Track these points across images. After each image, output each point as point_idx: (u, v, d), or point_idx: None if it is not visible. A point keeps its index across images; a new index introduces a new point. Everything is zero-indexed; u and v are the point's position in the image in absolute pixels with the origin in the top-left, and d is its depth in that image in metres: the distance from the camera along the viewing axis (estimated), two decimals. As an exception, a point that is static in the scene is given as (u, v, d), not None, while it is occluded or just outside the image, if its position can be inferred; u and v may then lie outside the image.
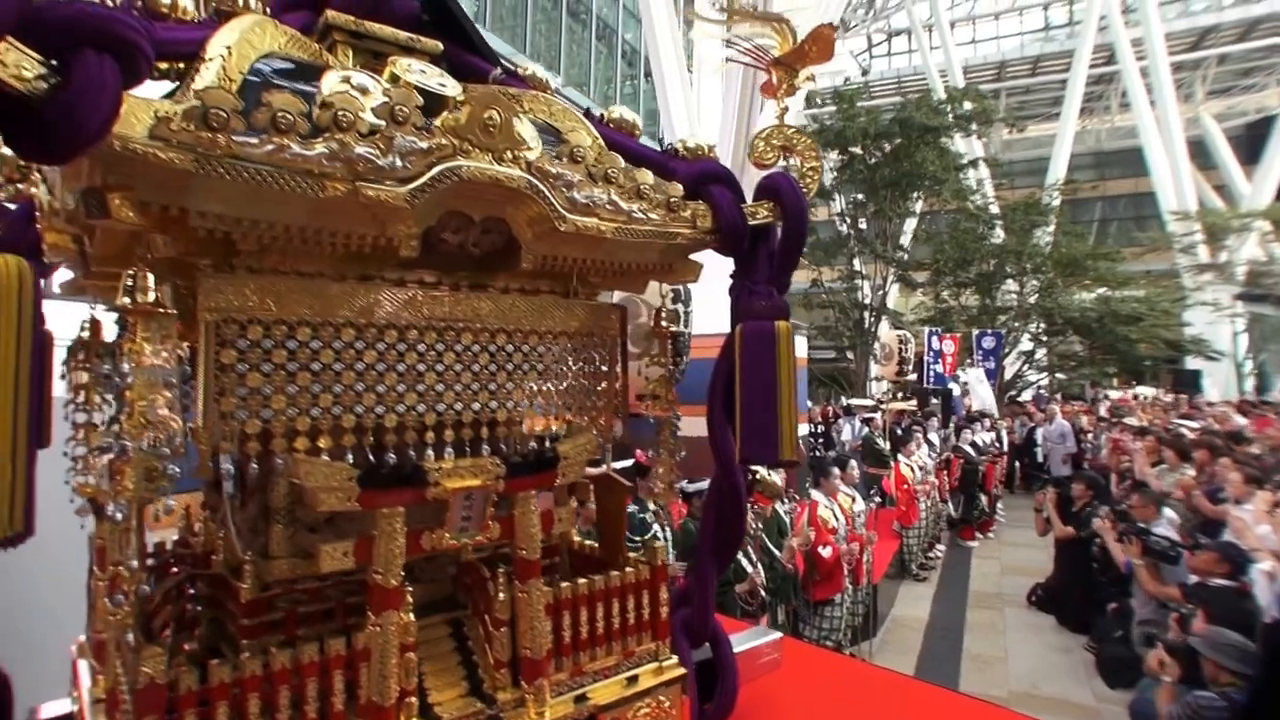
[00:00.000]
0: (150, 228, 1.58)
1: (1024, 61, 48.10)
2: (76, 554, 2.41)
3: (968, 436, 15.92)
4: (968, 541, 14.48)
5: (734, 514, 2.70)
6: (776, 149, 2.52)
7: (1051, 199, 29.08)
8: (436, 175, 1.77)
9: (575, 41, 28.11)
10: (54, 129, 1.28)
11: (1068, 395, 28.68)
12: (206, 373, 1.72)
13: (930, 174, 23.50)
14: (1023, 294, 27.12)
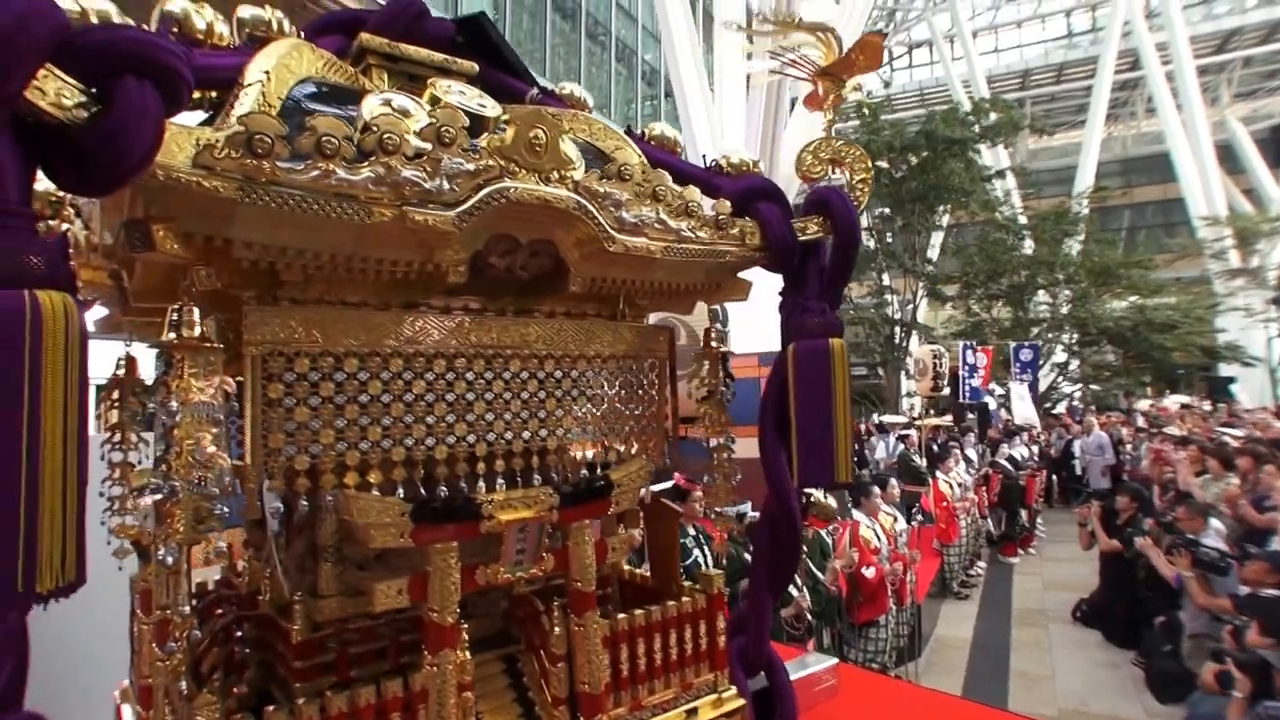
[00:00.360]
0: (193, 260, 1.53)
1: (1048, 69, 47.82)
2: (114, 595, 2.36)
3: (1005, 451, 15.68)
4: (1009, 558, 14.20)
5: (789, 539, 2.61)
6: (825, 162, 2.44)
7: (1081, 207, 28.77)
8: (484, 197, 1.72)
9: (595, 64, 28.22)
10: (96, 159, 1.24)
11: (1102, 406, 28.27)
12: (253, 408, 1.67)
13: (958, 186, 23.31)
14: (1055, 304, 26.81)
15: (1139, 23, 38.97)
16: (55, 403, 1.14)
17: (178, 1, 1.78)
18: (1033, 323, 26.84)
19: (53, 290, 1.15)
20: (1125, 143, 46.61)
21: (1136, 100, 45.90)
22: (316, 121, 1.53)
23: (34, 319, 1.11)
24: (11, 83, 1.08)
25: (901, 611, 8.01)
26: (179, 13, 1.76)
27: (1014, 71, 48.60)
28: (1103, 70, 40.17)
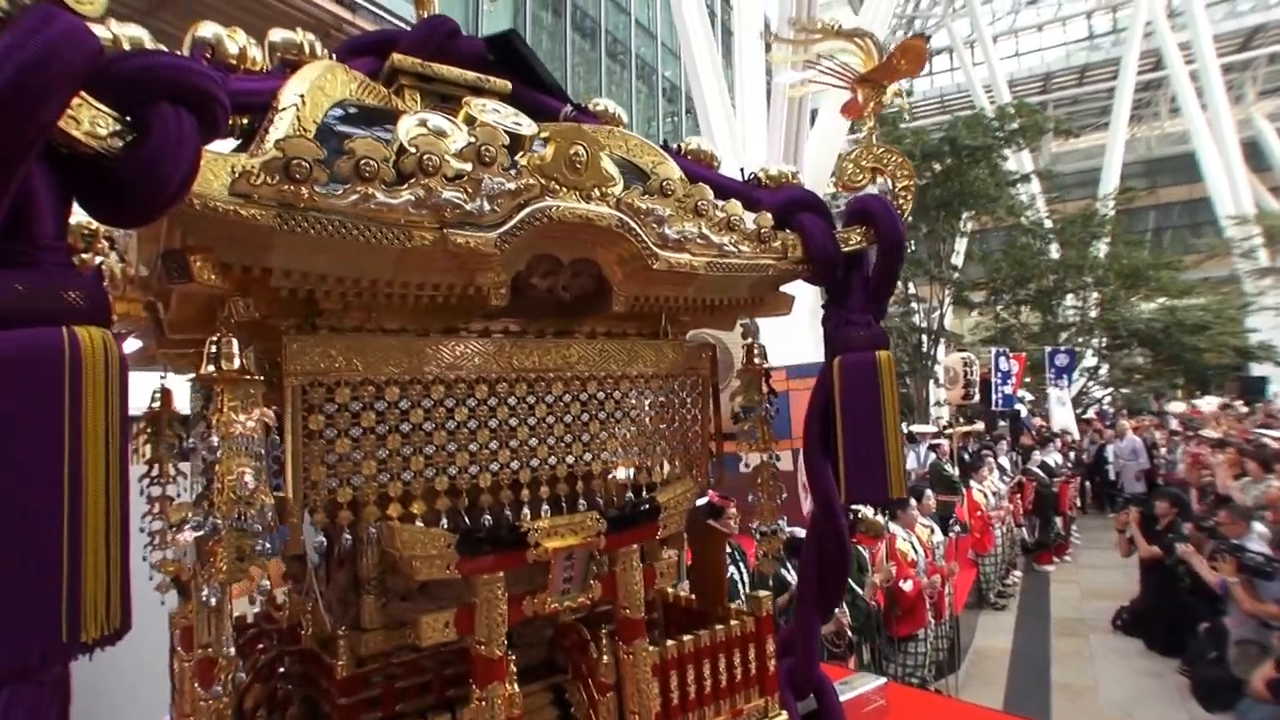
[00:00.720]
0: (231, 291, 1.49)
1: (1070, 72, 47.48)
2: (155, 631, 2.31)
3: (1038, 458, 15.44)
4: (1045, 566, 13.96)
5: (837, 558, 2.54)
6: (866, 170, 2.38)
7: (1107, 209, 28.48)
8: (526, 217, 1.66)
9: (615, 82, 28.25)
10: (132, 189, 1.19)
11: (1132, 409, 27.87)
12: (294, 440, 1.62)
13: (982, 192, 23.15)
14: (1084, 308, 26.52)
15: (1161, 23, 38.62)
16: (97, 444, 1.09)
17: (210, 27, 1.75)
18: (1061, 327, 26.55)
19: (91, 326, 1.10)
20: (1149, 143, 46.13)
21: (1160, 100, 45.49)
22: (355, 144, 1.48)
23: (73, 356, 1.07)
24: (45, 113, 1.04)
25: (940, 624, 7.88)
26: (211, 38, 1.73)
27: (1035, 75, 48.32)
28: (1125, 71, 39.82)
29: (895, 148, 2.38)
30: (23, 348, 1.04)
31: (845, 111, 2.54)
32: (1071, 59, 47.58)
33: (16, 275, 1.07)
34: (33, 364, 1.04)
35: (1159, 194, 41.83)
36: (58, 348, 1.06)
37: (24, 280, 1.06)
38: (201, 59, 1.67)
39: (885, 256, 2.29)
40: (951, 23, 47.12)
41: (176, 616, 2.35)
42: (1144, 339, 25.34)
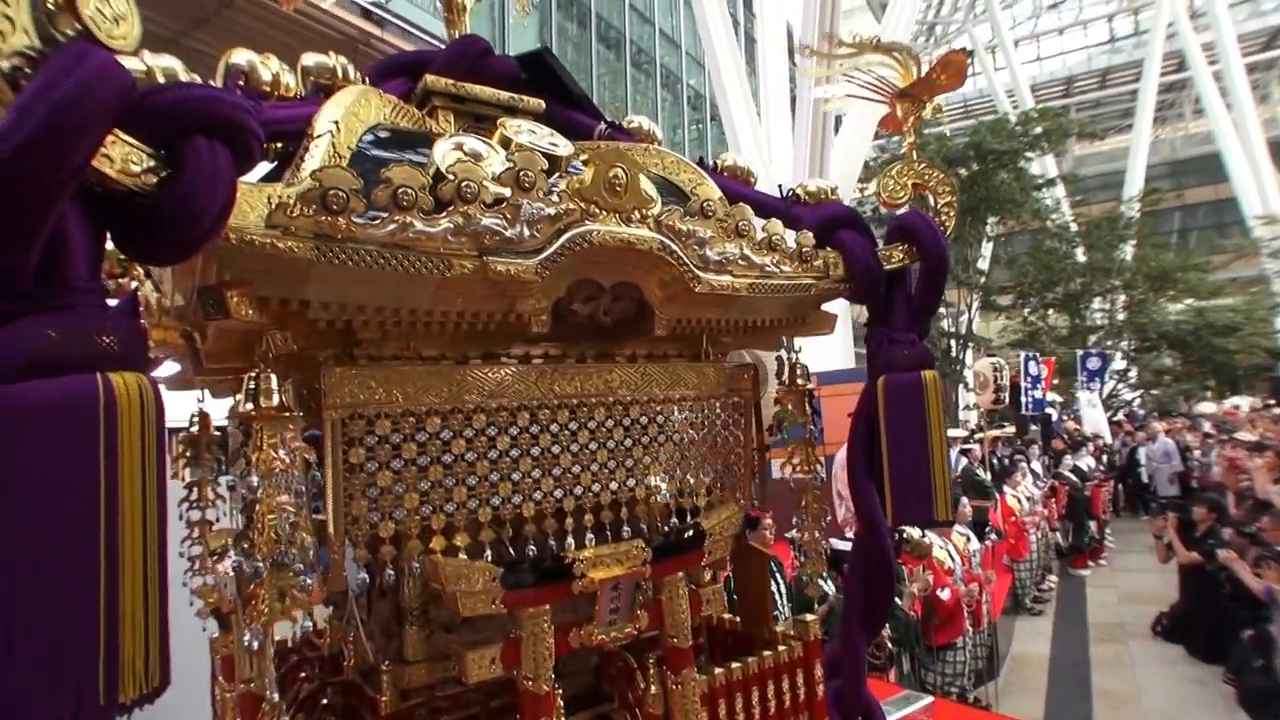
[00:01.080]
0: (269, 324, 1.44)
1: (1091, 75, 47.00)
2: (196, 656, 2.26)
3: (1069, 462, 15.18)
4: (1080, 570, 13.69)
5: (882, 578, 2.45)
6: (908, 187, 2.30)
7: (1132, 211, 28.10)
8: (566, 243, 1.60)
9: (640, 91, 28.28)
10: (167, 225, 1.14)
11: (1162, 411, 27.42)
12: (334, 475, 1.56)
13: (1008, 197, 22.92)
14: (1112, 310, 26.16)
15: (1184, 24, 38.10)
16: (134, 495, 1.04)
17: (243, 54, 1.70)
18: (1090, 330, 26.20)
19: (126, 371, 1.05)
20: (1174, 145, 45.51)
21: (1184, 102, 44.89)
22: (392, 172, 1.43)
23: (108, 405, 1.02)
24: (78, 154, 0.99)
25: (978, 632, 7.72)
26: (245, 65, 1.69)
27: (1057, 79, 47.88)
28: (1148, 73, 39.24)
29: (937, 163, 2.30)
30: (57, 397, 0.99)
31: (883, 125, 2.47)
32: (1093, 62, 47.11)
33: (50, 320, 1.01)
34: (68, 414, 0.99)
35: (1184, 195, 41.18)
36: (93, 396, 1.00)
37: (58, 325, 1.01)
38: (236, 87, 1.63)
39: (929, 274, 2.22)
40: (973, 28, 46.79)
41: (217, 644, 2.30)
42: (1173, 341, 24.93)
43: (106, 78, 1.01)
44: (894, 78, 2.33)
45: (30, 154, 0.93)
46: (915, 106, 2.27)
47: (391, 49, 12.28)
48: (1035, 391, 17.31)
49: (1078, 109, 45.38)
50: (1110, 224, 26.15)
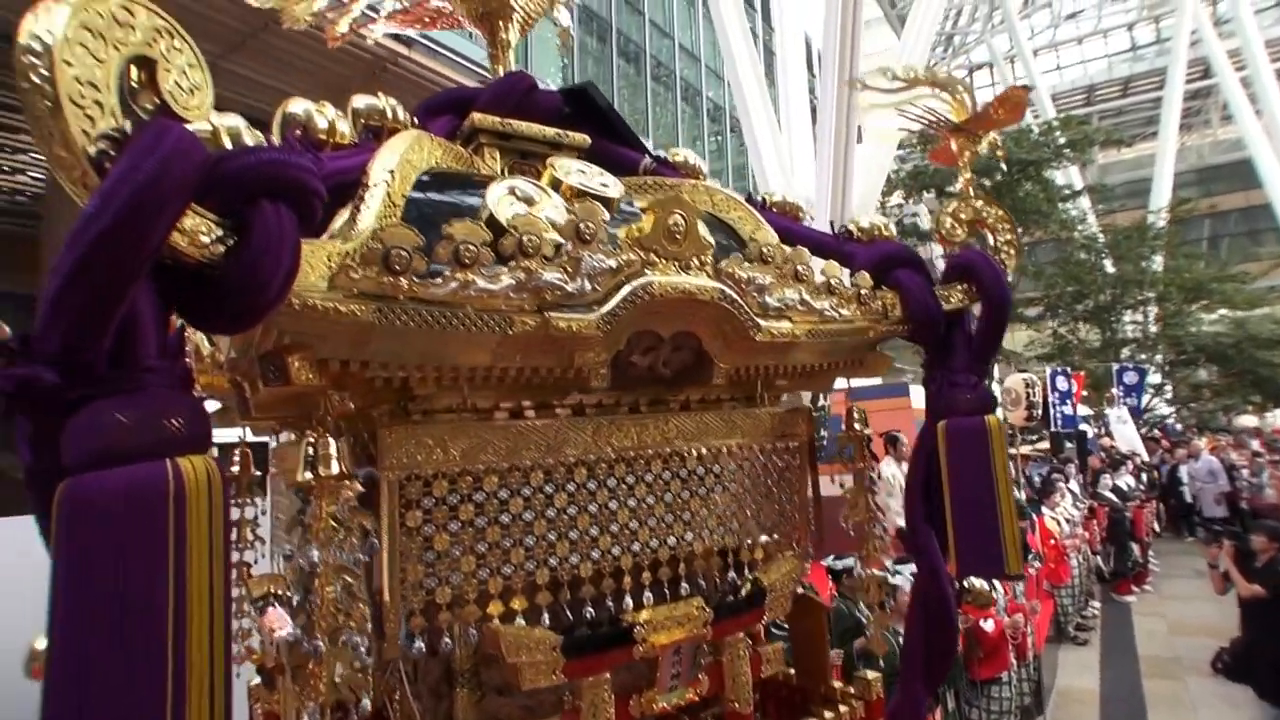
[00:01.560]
0: (328, 386, 1.42)
1: (1113, 83, 46.89)
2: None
3: (1108, 482, 14.94)
4: (1124, 596, 13.43)
5: (944, 626, 2.39)
6: (965, 224, 2.27)
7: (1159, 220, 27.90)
8: (628, 295, 1.59)
9: (660, 104, 28.48)
10: (233, 295, 1.13)
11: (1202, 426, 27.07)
12: (391, 540, 1.53)
13: (1034, 208, 22.82)
14: (1146, 323, 25.92)
15: (1208, 31, 37.99)
16: (201, 575, 1.03)
17: (300, 103, 1.70)
18: (1123, 343, 25.98)
19: (194, 455, 1.04)
20: (1201, 152, 45.28)
21: (1210, 108, 44.64)
22: (454, 229, 1.41)
23: (178, 492, 1.00)
24: (159, 232, 0.99)
25: (1023, 665, 7.60)
26: (302, 115, 1.68)
27: (1078, 88, 47.79)
28: (1173, 80, 39.01)
29: (996, 200, 2.27)
30: (129, 487, 0.97)
31: (935, 158, 2.45)
32: (1114, 70, 47.01)
33: (121, 403, 1.00)
34: (139, 503, 0.98)
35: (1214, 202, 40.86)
36: (163, 485, 0.99)
37: (128, 410, 1.00)
38: (294, 138, 1.62)
39: (991, 315, 2.18)
40: (990, 39, 46.80)
41: (258, 692, 2.29)
42: (1212, 354, 24.65)
43: (187, 154, 1.00)
44: (947, 111, 2.31)
45: (113, 239, 0.94)
46: (971, 141, 2.24)
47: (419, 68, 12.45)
48: (1065, 407, 17.10)
49: (1100, 117, 45.27)
50: (1140, 234, 25.97)
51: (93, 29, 0.97)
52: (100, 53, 0.98)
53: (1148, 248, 25.73)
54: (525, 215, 1.55)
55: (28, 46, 0.93)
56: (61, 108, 0.93)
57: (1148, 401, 25.59)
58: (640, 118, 25.98)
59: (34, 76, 0.93)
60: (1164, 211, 29.05)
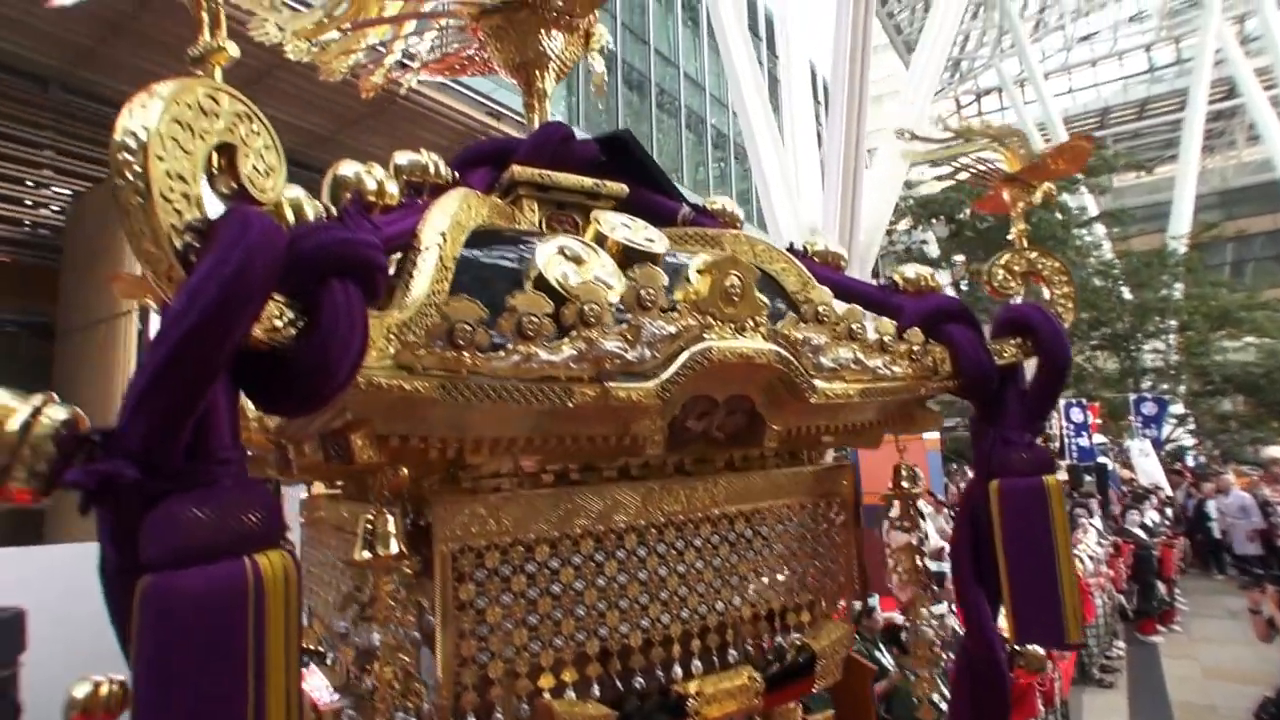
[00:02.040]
0: (387, 462, 1.42)
1: (1129, 106, 47.06)
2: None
3: (1135, 518, 14.83)
4: (1150, 637, 13.29)
5: (995, 692, 2.35)
6: (1019, 276, 2.27)
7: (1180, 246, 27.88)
8: (687, 361, 1.59)
9: (663, 131, 28.73)
10: (304, 378, 1.13)
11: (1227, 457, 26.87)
12: (445, 614, 1.53)
13: (1049, 234, 22.83)
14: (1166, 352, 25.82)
15: (1233, 50, 38.09)
16: (278, 661, 1.04)
17: (349, 166, 1.71)
18: (1143, 372, 25.87)
19: (271, 549, 1.04)
20: (1225, 174, 45.31)
21: (1236, 129, 44.72)
22: (516, 301, 1.42)
23: (257, 589, 1.01)
24: (244, 326, 1.00)
25: (1050, 712, 7.53)
26: (353, 178, 1.69)
27: (1091, 111, 47.96)
28: (1195, 101, 39.02)
29: (1051, 252, 2.27)
30: (212, 587, 0.98)
31: (983, 207, 2.45)
32: (1129, 93, 47.19)
33: (198, 499, 1.01)
34: (220, 604, 0.98)
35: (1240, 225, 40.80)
36: (243, 584, 1.00)
37: (205, 506, 1.01)
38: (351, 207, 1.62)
39: (1049, 372, 2.16)
40: (1000, 63, 47.10)
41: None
42: (1241, 384, 24.52)
43: (271, 244, 1.02)
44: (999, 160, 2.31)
45: (201, 335, 0.95)
46: (1025, 192, 2.24)
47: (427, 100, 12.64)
48: (1080, 439, 16.99)
49: (1115, 140, 45.37)
50: (1161, 260, 25.95)
51: (182, 121, 0.99)
52: (188, 144, 0.99)
53: (1170, 274, 25.67)
54: (586, 284, 1.56)
55: (123, 143, 0.94)
56: (153, 203, 0.94)
57: (1169, 433, 25.48)
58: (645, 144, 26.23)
59: (128, 174, 0.94)
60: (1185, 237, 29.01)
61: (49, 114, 12.00)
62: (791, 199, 20.54)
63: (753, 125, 20.49)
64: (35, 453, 0.97)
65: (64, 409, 1.00)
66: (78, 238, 11.12)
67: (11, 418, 0.96)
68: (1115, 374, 26.51)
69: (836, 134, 17.98)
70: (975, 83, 51.63)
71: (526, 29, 2.50)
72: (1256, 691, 8.91)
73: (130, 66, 11.39)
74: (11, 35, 10.74)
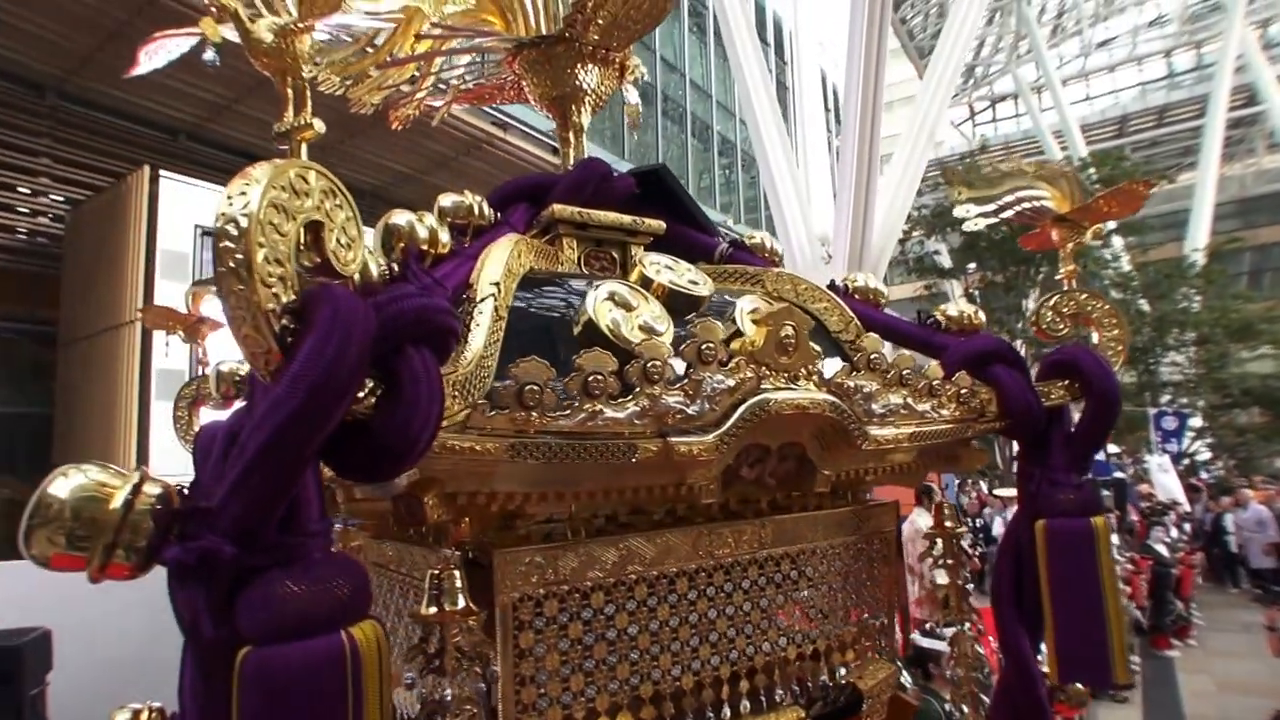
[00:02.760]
0: (455, 519, 1.45)
1: (1148, 113, 46.91)
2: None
3: (1158, 535, 14.76)
4: (1165, 651, 13.28)
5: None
6: (1067, 318, 2.29)
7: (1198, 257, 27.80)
8: (745, 414, 1.61)
9: (669, 139, 28.79)
10: (385, 446, 1.16)
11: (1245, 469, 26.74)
12: (506, 663, 1.56)
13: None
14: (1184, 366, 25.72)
15: (1255, 56, 37.92)
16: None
17: (401, 215, 1.74)
18: (1162, 386, 25.78)
19: (363, 621, 1.07)
20: (1243, 182, 45.10)
21: (1255, 136, 44.53)
22: (583, 360, 1.45)
23: (354, 663, 1.04)
24: (343, 407, 1.03)
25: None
26: (405, 228, 1.72)
27: (1109, 118, 47.81)
28: (1215, 108, 38.66)
29: (1100, 294, 2.29)
30: (309, 661, 1.02)
31: (1027, 244, 2.47)
32: (1148, 99, 47.07)
33: (294, 574, 1.04)
34: (322, 675, 1.02)
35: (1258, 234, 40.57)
36: (341, 659, 1.03)
37: (301, 580, 1.04)
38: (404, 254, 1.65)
39: (1097, 415, 2.18)
40: (1016, 69, 47.02)
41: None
42: (1259, 397, 24.42)
43: (365, 325, 1.06)
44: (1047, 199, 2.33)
45: (303, 419, 0.98)
46: (1075, 232, 2.26)
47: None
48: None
49: (1133, 148, 45.22)
50: (1180, 272, 25.87)
51: (278, 204, 1.02)
52: (283, 226, 1.02)
53: (1190, 286, 25.58)
54: (650, 341, 1.58)
55: (225, 230, 0.97)
56: (254, 288, 0.97)
57: (1187, 446, 25.38)
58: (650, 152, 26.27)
59: (231, 261, 0.97)
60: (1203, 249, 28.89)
61: (46, 121, 11.96)
62: (802, 207, 20.58)
63: (762, 132, 20.53)
64: (135, 530, 1.00)
65: (158, 484, 1.03)
66: (78, 246, 11.15)
67: (115, 496, 0.99)
68: (1133, 388, 26.41)
69: (850, 142, 18.00)
70: (990, 89, 51.60)
71: (563, 63, 2.52)
72: (1270, 705, 8.98)
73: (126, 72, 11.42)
74: (7, 41, 10.72)
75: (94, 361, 9.98)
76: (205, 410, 2.56)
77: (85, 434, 9.95)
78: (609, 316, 1.75)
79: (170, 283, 9.01)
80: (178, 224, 9.27)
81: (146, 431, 8.88)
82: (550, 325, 1.79)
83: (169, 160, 11.96)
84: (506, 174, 2.56)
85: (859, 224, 18.34)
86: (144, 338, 9.01)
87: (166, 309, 2.66)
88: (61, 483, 0.99)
